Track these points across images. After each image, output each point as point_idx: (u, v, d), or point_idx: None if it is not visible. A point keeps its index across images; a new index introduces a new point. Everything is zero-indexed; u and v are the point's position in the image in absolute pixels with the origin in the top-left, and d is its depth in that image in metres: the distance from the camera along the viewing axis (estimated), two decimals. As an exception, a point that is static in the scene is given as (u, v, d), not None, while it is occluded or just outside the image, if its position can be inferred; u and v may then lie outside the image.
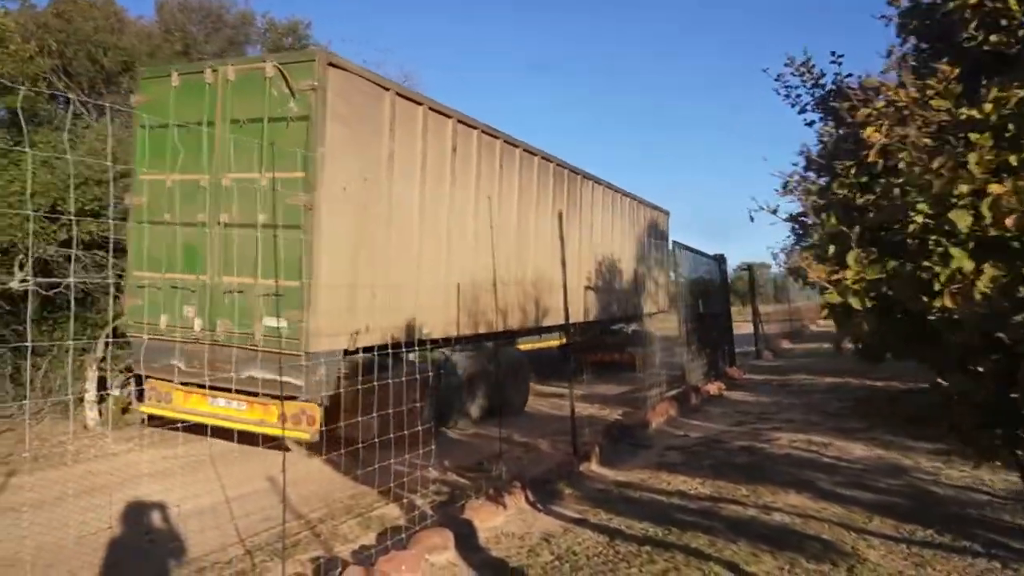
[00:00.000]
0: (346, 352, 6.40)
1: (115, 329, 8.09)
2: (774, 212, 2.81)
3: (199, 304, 6.54)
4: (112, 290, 7.66)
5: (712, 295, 13.24)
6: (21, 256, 7.25)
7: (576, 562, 3.98)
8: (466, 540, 4.30)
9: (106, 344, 7.77)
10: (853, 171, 2.50)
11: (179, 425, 4.56)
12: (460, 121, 8.24)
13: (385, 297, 6.82)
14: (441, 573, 3.90)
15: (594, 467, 6.30)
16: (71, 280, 6.54)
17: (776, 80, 3.99)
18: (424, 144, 7.52)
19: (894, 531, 4.33)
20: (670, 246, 12.75)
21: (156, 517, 4.94)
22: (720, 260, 14.44)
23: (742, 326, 17.55)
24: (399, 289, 7.04)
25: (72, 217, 6.06)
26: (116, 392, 7.95)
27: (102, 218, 7.38)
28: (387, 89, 7.02)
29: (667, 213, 17.71)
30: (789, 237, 12.11)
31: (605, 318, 13.26)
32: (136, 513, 5.04)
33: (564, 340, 13.49)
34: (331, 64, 6.23)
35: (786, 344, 20.32)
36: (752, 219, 2.86)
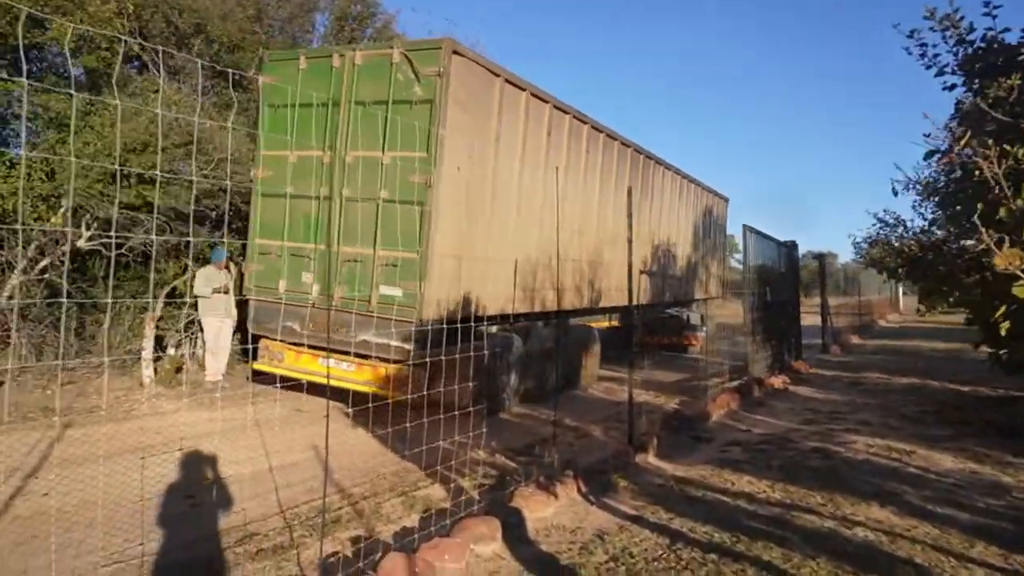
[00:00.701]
0: (450, 321, 6.63)
1: (173, 289, 8.12)
2: (923, 185, 2.32)
3: (317, 271, 7.03)
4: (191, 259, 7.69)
5: (780, 283, 12.51)
6: (87, 216, 7.26)
7: (633, 566, 3.63)
8: (514, 530, 4.01)
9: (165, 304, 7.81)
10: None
11: (279, 384, 4.79)
12: (556, 107, 8.47)
13: (484, 271, 7.21)
14: (486, 566, 3.61)
15: (651, 459, 5.91)
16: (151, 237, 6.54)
17: (909, 37, 3.39)
18: (525, 127, 7.83)
19: (1002, 561, 3.80)
20: (729, 231, 12.79)
21: (199, 480, 4.84)
22: (791, 247, 13.64)
23: (808, 318, 16.67)
24: (497, 264, 7.40)
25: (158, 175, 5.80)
26: (171, 352, 7.99)
27: (172, 184, 7.33)
28: (497, 75, 7.30)
29: (726, 200, 17.36)
30: (875, 226, 11.36)
31: (659, 303, 13.25)
32: (180, 474, 4.95)
33: (614, 323, 13.49)
34: (455, 52, 6.59)
35: (855, 339, 19.27)
36: (896, 193, 2.38)
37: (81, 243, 6.82)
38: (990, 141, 2.12)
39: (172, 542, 3.83)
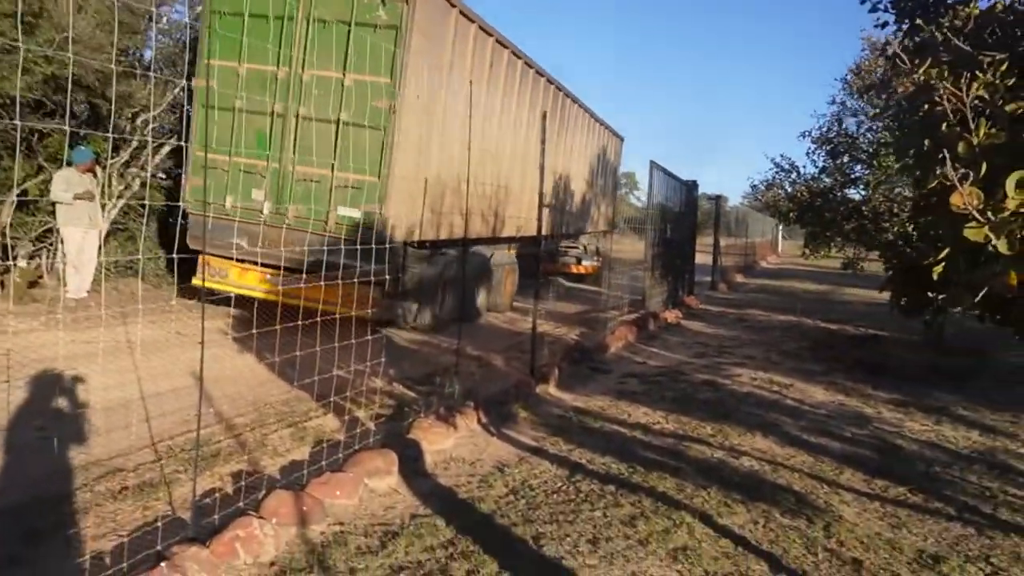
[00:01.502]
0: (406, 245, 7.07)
1: (24, 192, 7.12)
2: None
3: (269, 188, 6.97)
4: (19, 151, 6.65)
5: (680, 221, 12.83)
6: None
7: (533, 498, 3.58)
8: (411, 464, 3.85)
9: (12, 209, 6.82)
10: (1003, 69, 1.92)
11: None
12: (498, 40, 8.67)
13: (432, 196, 7.38)
14: (381, 501, 3.44)
15: (552, 390, 5.92)
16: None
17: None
18: (472, 59, 8.01)
19: (865, 486, 4.08)
20: (628, 168, 13.36)
21: (53, 409, 4.31)
22: (691, 186, 13.96)
23: (699, 256, 17.35)
24: (441, 189, 7.64)
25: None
26: (23, 264, 7.07)
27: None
28: (454, 7, 7.38)
29: (622, 139, 17.89)
30: (771, 170, 11.83)
31: (557, 234, 13.52)
32: (31, 402, 4.40)
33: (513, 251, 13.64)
34: None
35: (740, 278, 20.36)
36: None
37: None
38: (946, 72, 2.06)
39: (13, 480, 3.37)
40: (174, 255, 2.94)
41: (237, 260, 6.99)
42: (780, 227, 39.07)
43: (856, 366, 7.64)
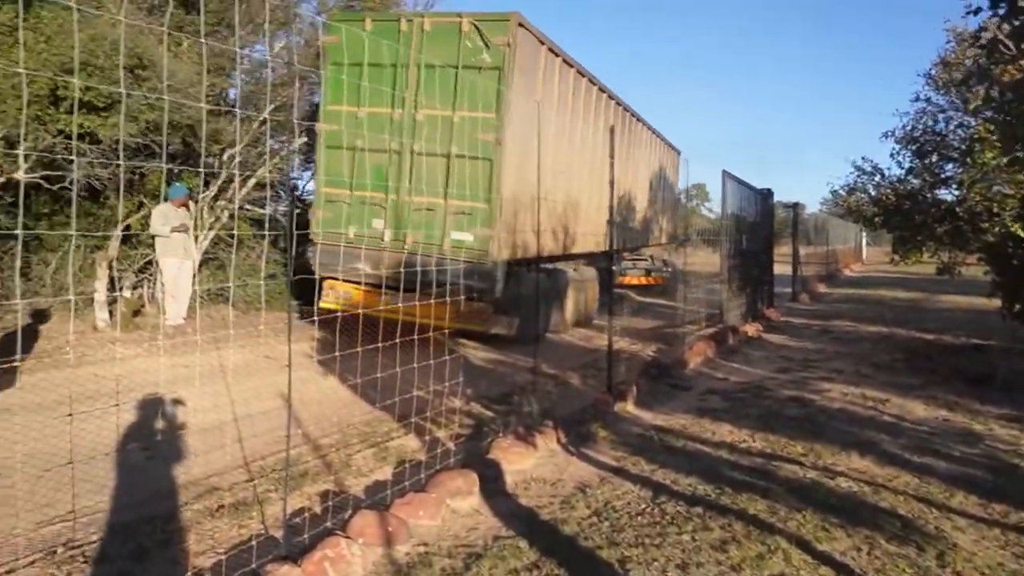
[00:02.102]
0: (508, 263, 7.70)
1: (127, 228, 7.64)
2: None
3: (388, 218, 7.75)
4: (122, 190, 7.14)
5: (755, 231, 12.43)
6: (28, 146, 6.66)
7: (617, 521, 3.50)
8: (492, 484, 3.86)
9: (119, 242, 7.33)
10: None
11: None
12: (577, 71, 9.29)
13: (527, 218, 7.84)
14: (464, 522, 3.45)
15: (630, 408, 5.81)
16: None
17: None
18: (558, 90, 8.68)
19: (982, 511, 3.78)
20: (695, 180, 13.69)
21: (157, 430, 4.57)
22: (766, 195, 13.52)
23: (777, 267, 16.77)
24: (532, 210, 7.97)
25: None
26: (127, 294, 7.57)
27: (102, 112, 6.71)
28: (543, 44, 8.10)
29: (679, 152, 18.08)
30: (852, 173, 11.30)
31: (626, 247, 13.88)
32: (137, 425, 4.67)
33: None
34: (519, 24, 7.38)
35: (822, 288, 19.52)
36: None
37: (19, 175, 6.26)
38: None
39: (123, 499, 3.58)
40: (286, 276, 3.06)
41: (359, 283, 7.46)
42: (864, 233, 37.35)
43: (958, 378, 7.14)
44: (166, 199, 7.66)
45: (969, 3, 3.54)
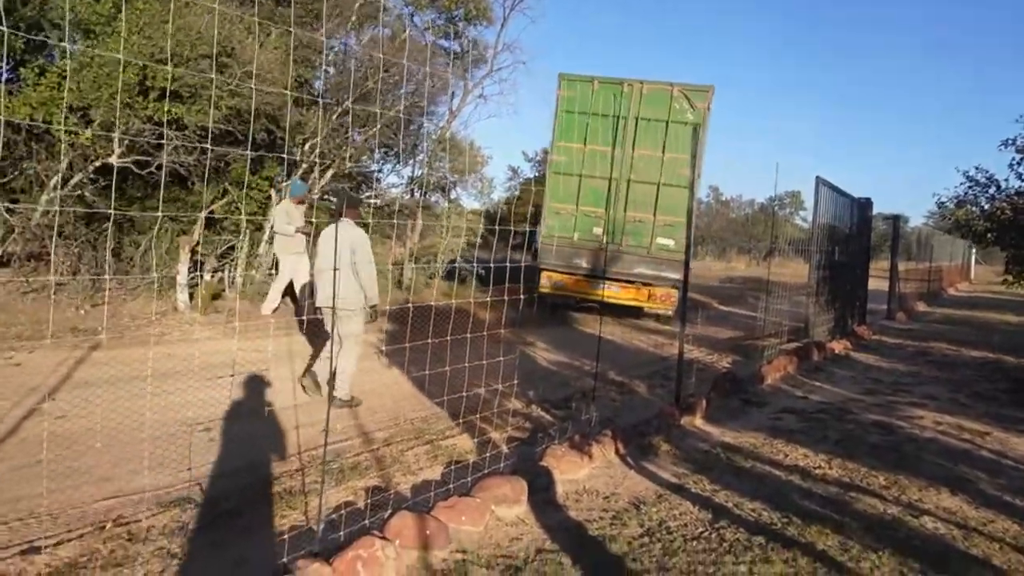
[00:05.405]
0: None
1: (211, 213, 7.94)
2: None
3: (605, 228, 10.11)
4: (207, 175, 7.46)
5: (850, 242, 11.66)
6: (119, 132, 7.05)
7: (670, 543, 3.27)
8: (542, 493, 3.70)
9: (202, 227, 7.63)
10: None
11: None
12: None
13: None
14: (507, 531, 3.31)
15: (698, 422, 5.51)
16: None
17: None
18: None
19: (1096, 570, 3.30)
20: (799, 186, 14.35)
21: (217, 412, 4.67)
22: (864, 205, 12.66)
23: (873, 281, 15.73)
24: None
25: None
26: (207, 277, 7.87)
27: (187, 99, 6.98)
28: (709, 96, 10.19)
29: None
30: (963, 184, 10.38)
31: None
32: (199, 405, 4.80)
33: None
34: (712, 91, 9.94)
35: (922, 307, 18.18)
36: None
37: (113, 159, 6.60)
38: None
39: (175, 480, 3.65)
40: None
41: (568, 274, 10.26)
42: (973, 250, 34.58)
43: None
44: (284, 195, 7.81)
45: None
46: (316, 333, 6.48)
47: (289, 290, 8.11)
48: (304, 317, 5.59)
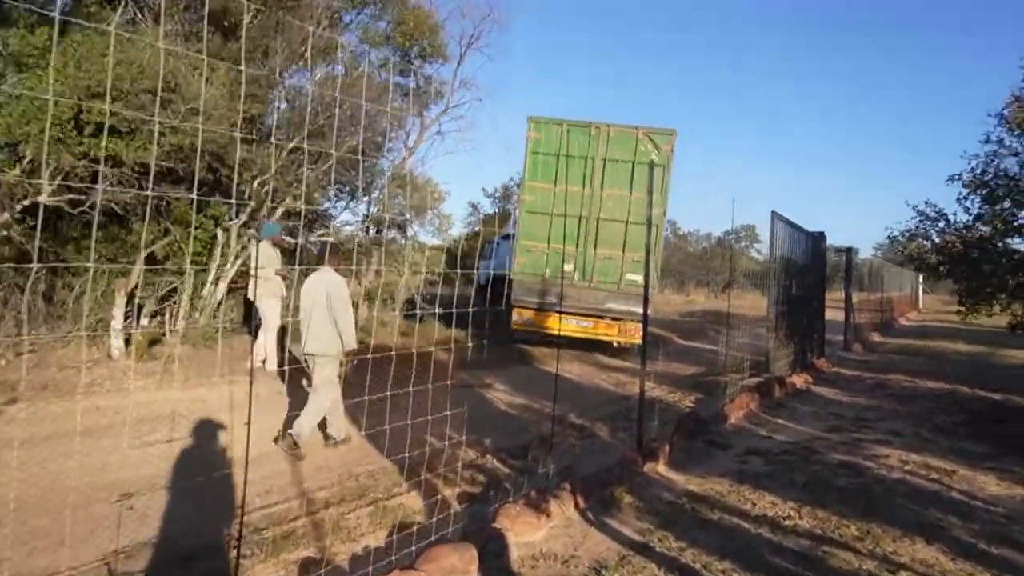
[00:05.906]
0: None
1: (151, 254, 7.52)
2: None
3: (576, 263, 10.41)
4: (148, 212, 7.05)
5: (806, 275, 11.74)
6: (51, 169, 6.63)
7: (635, 615, 3.00)
8: (493, 560, 3.39)
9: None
10: None
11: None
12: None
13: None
14: (456, 607, 3.00)
15: (661, 468, 5.27)
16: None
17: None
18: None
19: (1080, 627, 3.13)
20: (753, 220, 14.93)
21: (141, 477, 4.25)
22: (819, 238, 12.82)
23: (827, 312, 15.91)
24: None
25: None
26: (144, 322, 7.41)
27: (125, 135, 6.61)
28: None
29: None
30: (914, 219, 10.56)
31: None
32: (120, 467, 4.37)
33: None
34: (675, 135, 10.36)
35: (876, 337, 18.48)
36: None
37: (43, 198, 6.18)
38: None
39: (73, 559, 3.23)
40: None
41: (539, 310, 10.46)
42: (921, 280, 35.63)
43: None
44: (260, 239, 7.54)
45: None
46: (265, 381, 6.09)
47: (255, 332, 7.73)
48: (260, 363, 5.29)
